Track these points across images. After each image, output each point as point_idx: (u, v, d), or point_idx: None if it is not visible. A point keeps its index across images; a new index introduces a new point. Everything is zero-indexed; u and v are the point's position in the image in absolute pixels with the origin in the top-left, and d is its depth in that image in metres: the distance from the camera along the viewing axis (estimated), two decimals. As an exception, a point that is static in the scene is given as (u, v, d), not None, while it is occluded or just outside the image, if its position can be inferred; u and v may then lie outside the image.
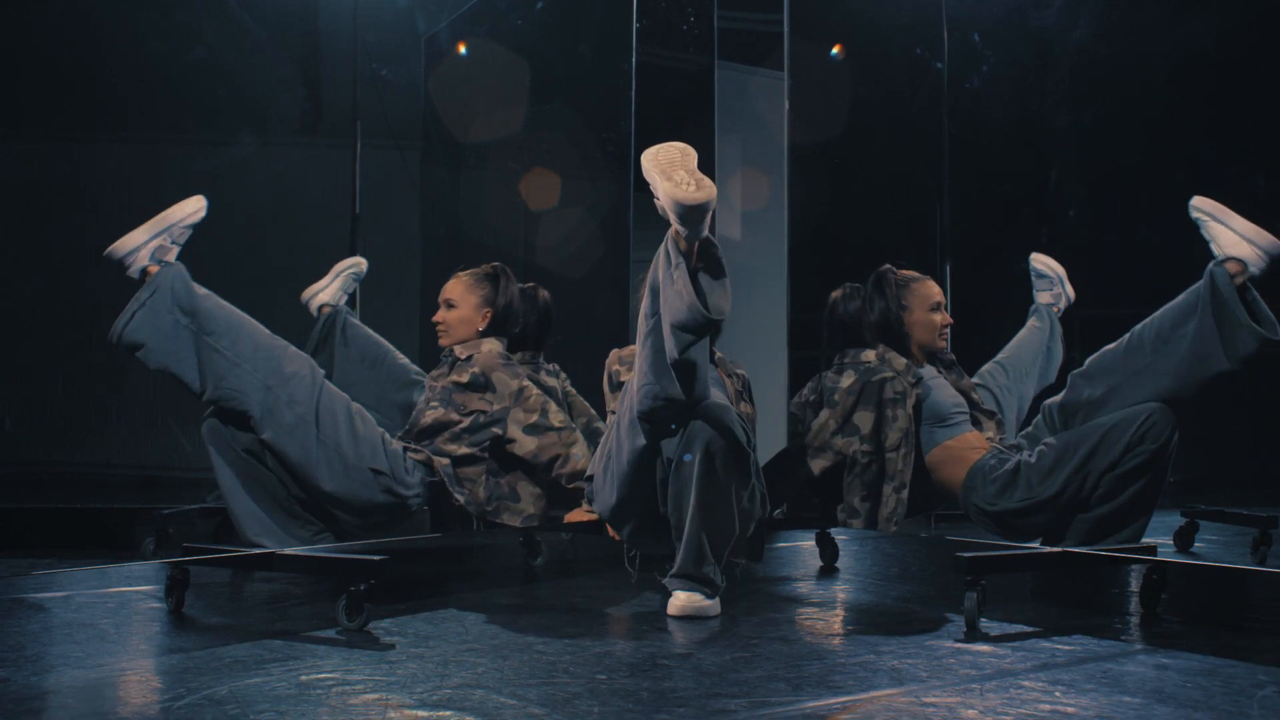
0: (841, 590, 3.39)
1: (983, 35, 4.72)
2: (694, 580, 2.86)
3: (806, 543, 4.25)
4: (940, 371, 3.52)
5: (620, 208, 4.42)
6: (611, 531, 3.20)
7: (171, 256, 3.24)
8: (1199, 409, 5.19)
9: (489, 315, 3.56)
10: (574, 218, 4.30)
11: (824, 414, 3.48)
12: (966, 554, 2.75)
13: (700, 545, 2.84)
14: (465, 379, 3.38)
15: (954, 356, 3.62)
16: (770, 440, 3.64)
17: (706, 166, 4.83)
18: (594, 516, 3.36)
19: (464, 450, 3.31)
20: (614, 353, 3.36)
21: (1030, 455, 3.18)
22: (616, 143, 4.41)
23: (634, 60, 4.30)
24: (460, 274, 3.63)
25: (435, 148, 5.20)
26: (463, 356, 3.46)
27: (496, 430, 3.33)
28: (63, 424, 5.48)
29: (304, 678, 2.21)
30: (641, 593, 3.20)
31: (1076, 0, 4.57)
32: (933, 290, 3.56)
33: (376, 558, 2.69)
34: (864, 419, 3.39)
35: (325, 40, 4.91)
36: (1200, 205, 3.24)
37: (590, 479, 3.20)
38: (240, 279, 5.16)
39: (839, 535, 3.93)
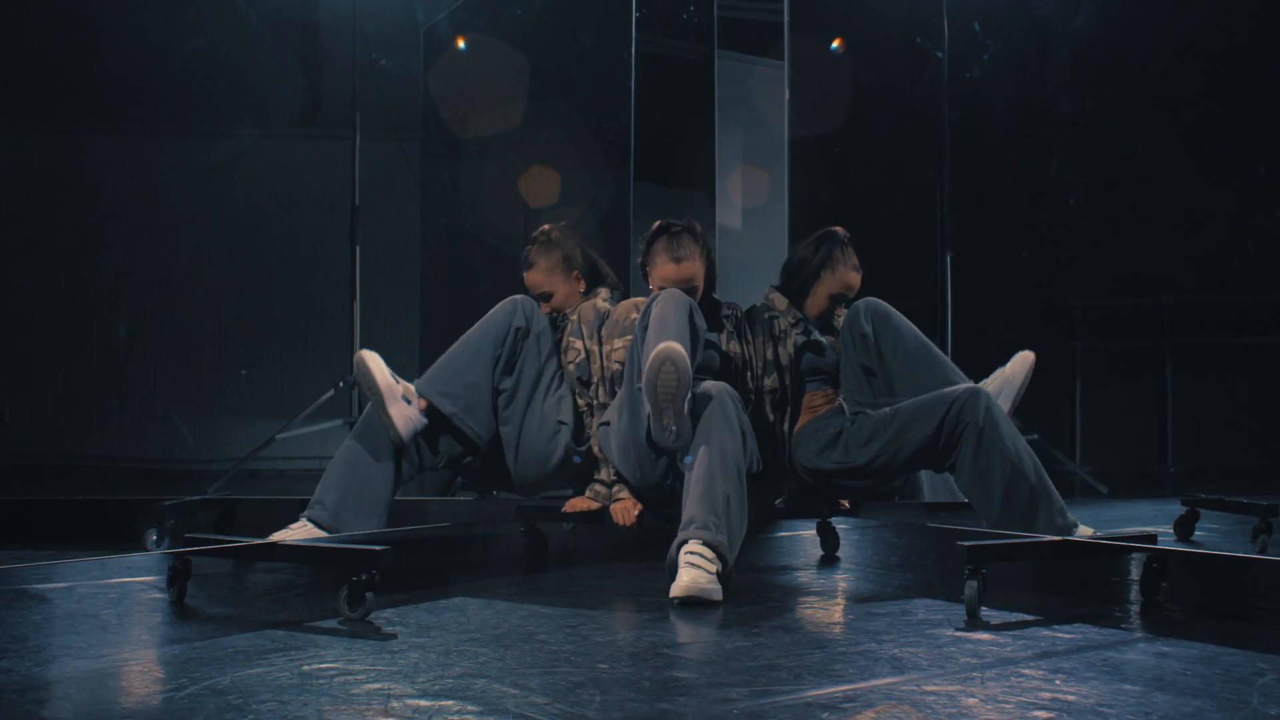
0: (842, 579, 3.40)
1: (983, 24, 4.72)
2: (703, 530, 2.89)
3: (807, 531, 4.25)
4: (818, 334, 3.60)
5: (620, 199, 4.42)
6: (620, 516, 3.22)
7: (411, 394, 3.27)
8: (1199, 401, 5.21)
9: (578, 275, 3.65)
10: (574, 211, 4.30)
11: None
12: (967, 542, 2.75)
13: (711, 498, 2.90)
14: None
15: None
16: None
17: (706, 159, 4.85)
18: (595, 505, 3.36)
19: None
20: (625, 304, 3.42)
21: (851, 422, 3.35)
22: (616, 132, 4.41)
23: (634, 50, 4.30)
24: (531, 262, 3.65)
25: (435, 139, 5.19)
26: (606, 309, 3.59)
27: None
28: (64, 416, 5.49)
29: (306, 667, 2.21)
30: (643, 582, 3.20)
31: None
32: (853, 281, 3.61)
33: (378, 548, 2.69)
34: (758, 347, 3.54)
35: (325, 31, 4.91)
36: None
37: (606, 424, 3.27)
38: (241, 268, 5.16)
39: (840, 524, 3.93)
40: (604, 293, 3.64)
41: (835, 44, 4.79)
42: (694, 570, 2.84)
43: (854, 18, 4.85)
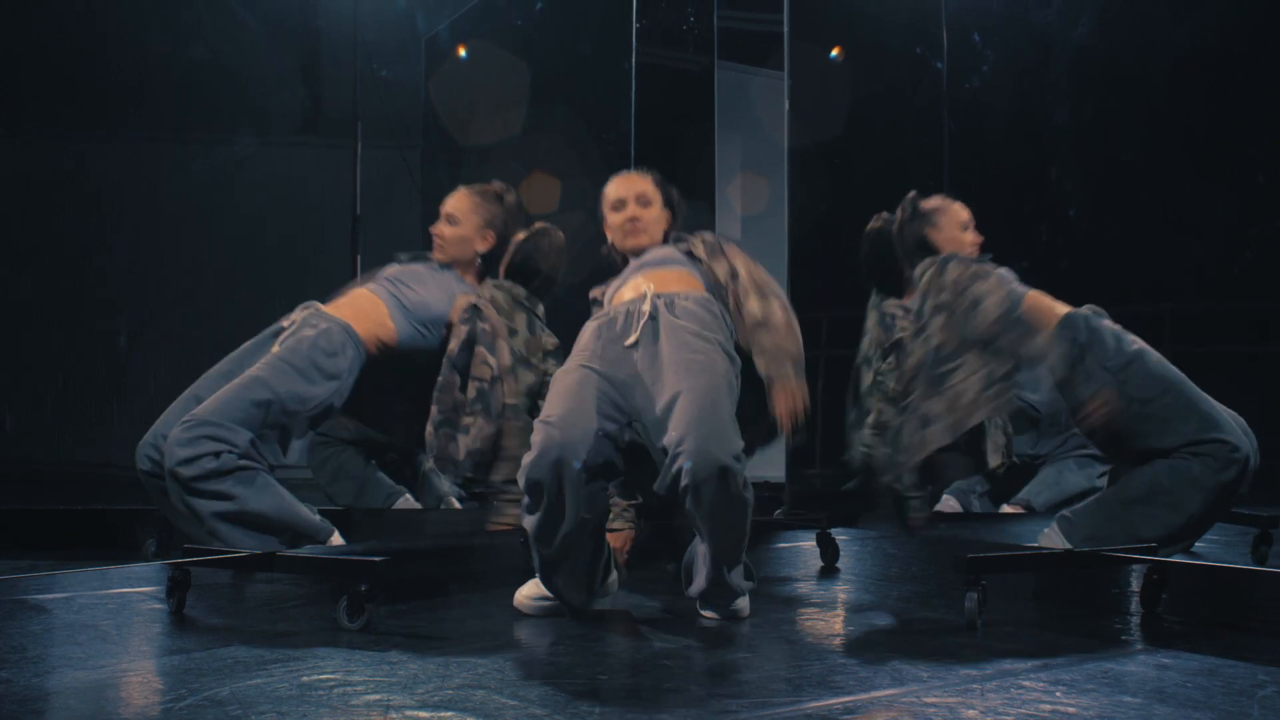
0: (842, 590, 3.40)
1: (983, 34, 4.72)
2: (721, 597, 2.86)
3: (807, 543, 4.25)
4: None
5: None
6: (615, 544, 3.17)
7: None
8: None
9: (490, 239, 3.54)
10: (574, 220, 4.30)
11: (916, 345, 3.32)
12: (967, 554, 2.75)
13: (718, 567, 2.81)
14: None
15: None
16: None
17: (706, 168, 4.85)
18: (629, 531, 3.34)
19: None
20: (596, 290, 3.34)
21: None
22: (617, 141, 4.41)
23: (634, 60, 4.30)
24: (465, 188, 3.59)
25: (435, 146, 5.20)
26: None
27: None
28: (64, 422, 5.49)
29: (305, 679, 2.21)
30: (642, 594, 3.20)
31: (1078, -3, 4.57)
32: (961, 211, 3.57)
33: (377, 559, 2.69)
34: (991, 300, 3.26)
35: (325, 39, 4.91)
36: None
37: None
38: (241, 275, 5.17)
39: (839, 535, 3.93)
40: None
41: (835, 52, 4.79)
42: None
43: (854, 28, 4.85)
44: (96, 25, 5.28)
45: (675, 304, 2.99)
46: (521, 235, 3.51)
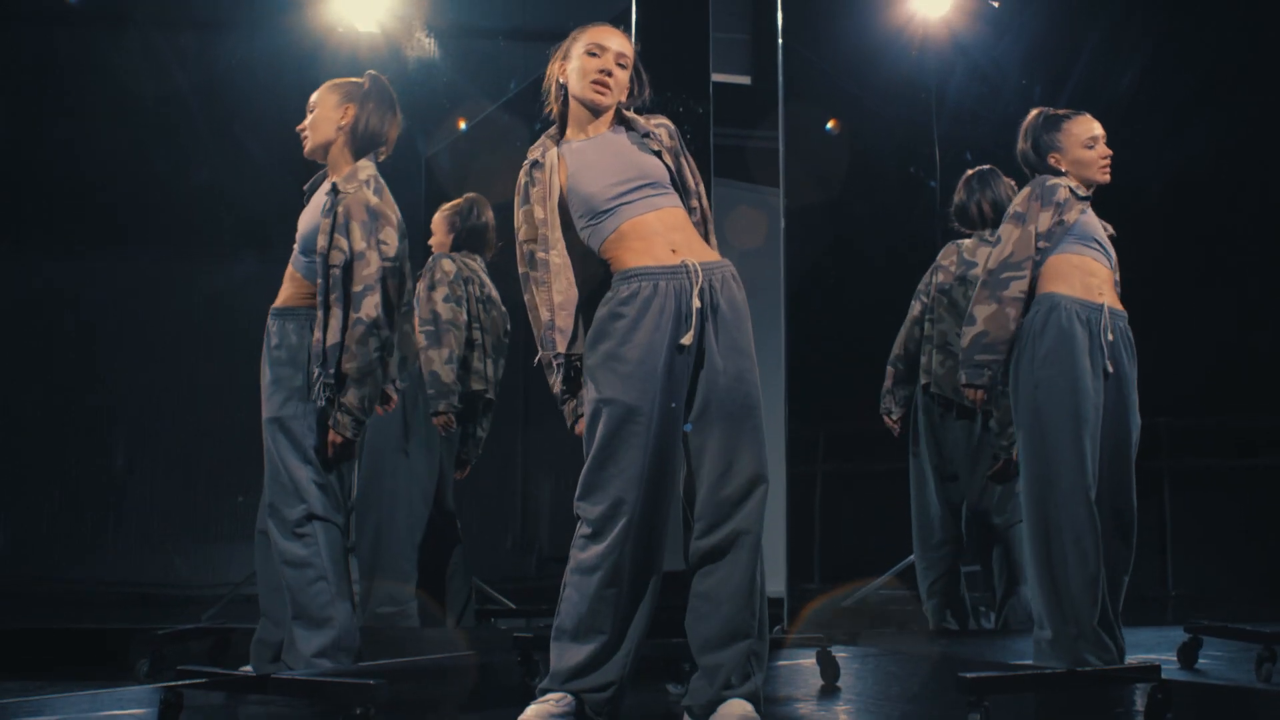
0: (843, 710, 3.35)
1: (975, 153, 4.81)
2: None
3: (807, 660, 4.21)
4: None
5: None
6: None
7: None
8: (1199, 523, 5.19)
9: (349, 111, 3.43)
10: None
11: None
12: (969, 674, 2.72)
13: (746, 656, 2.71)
14: None
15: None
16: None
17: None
18: None
19: None
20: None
21: None
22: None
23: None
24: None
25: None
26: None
27: None
28: (58, 538, 5.46)
29: (298, 809, 2.17)
30: (644, 703, 3.15)
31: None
32: (1091, 125, 3.56)
33: (372, 681, 2.66)
34: (1045, 220, 3.45)
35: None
36: None
37: None
38: (239, 394, 5.17)
39: (840, 653, 3.89)
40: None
41: (831, 125, 4.89)
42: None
43: (848, 147, 4.95)
44: (101, 146, 5.38)
45: (722, 291, 2.76)
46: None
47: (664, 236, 2.76)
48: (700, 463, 2.69)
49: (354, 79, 3.49)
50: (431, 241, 4.67)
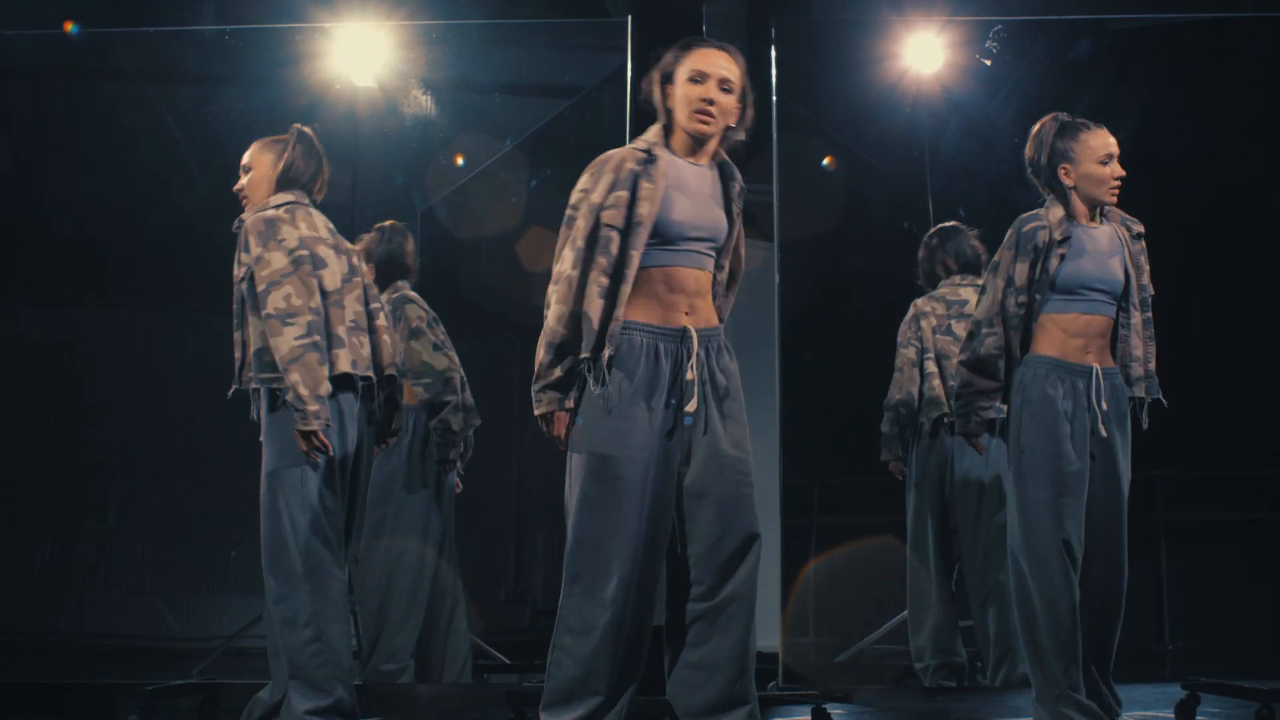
0: (839, 769, 3.32)
1: (968, 209, 4.83)
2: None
3: (802, 718, 4.17)
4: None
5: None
6: None
7: None
8: (1195, 578, 5.17)
9: (280, 164, 3.42)
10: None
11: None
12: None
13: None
14: None
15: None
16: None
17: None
18: None
19: None
20: None
21: None
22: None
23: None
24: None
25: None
26: None
27: None
28: (49, 591, 5.42)
29: None
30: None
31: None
32: (1107, 141, 3.34)
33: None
34: (1022, 272, 3.27)
35: (325, 213, 5.03)
36: None
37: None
38: (233, 447, 5.16)
39: (834, 710, 3.86)
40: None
41: (825, 166, 4.92)
42: None
43: (843, 202, 4.97)
44: (96, 199, 5.39)
45: (717, 359, 2.78)
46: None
47: (688, 298, 2.77)
48: (695, 525, 2.68)
49: (281, 136, 3.50)
50: None
